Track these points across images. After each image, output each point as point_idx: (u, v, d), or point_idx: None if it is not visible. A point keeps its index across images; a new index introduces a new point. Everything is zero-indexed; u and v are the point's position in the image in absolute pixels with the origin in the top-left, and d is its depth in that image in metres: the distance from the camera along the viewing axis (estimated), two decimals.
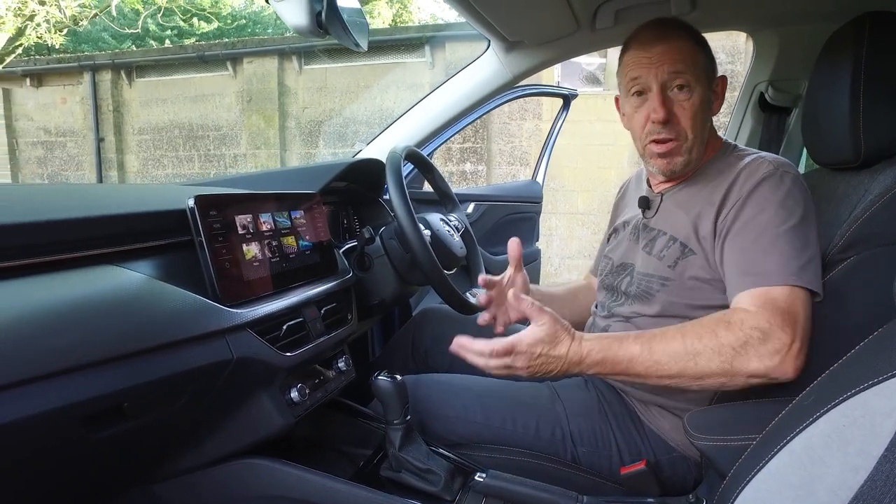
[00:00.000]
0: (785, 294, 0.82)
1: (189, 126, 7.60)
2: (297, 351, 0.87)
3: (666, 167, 1.00)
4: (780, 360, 0.79)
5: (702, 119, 0.97)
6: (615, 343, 0.86)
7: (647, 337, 0.86)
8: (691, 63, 0.95)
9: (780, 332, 0.79)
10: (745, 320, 0.81)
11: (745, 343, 0.79)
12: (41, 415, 0.54)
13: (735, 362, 0.80)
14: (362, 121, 6.77)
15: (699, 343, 0.82)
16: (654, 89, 0.96)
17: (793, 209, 0.88)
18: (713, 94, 1.00)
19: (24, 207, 0.67)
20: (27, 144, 8.40)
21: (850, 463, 0.53)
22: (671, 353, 0.83)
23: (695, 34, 0.99)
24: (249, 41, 7.66)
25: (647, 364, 0.84)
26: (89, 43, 12.08)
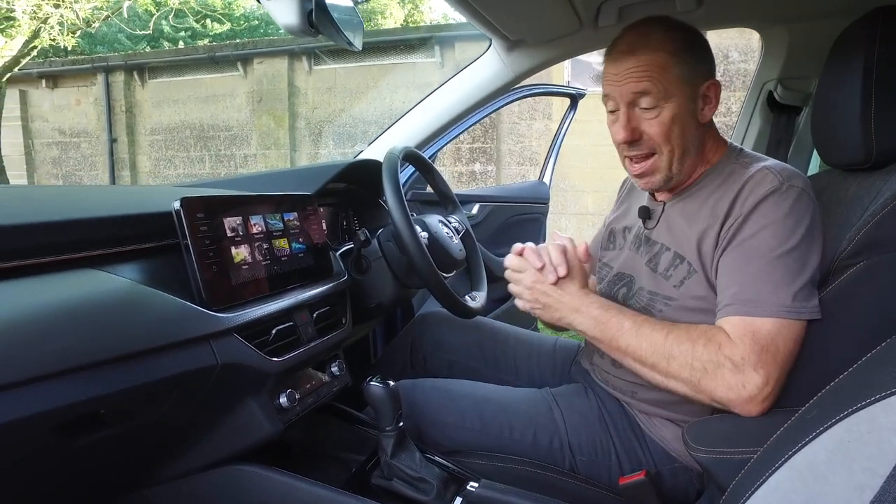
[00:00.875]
0: (768, 327, 0.80)
1: (200, 126, 7.67)
2: (286, 356, 0.85)
3: (645, 186, 0.98)
4: (747, 401, 0.79)
5: (678, 133, 0.92)
6: (615, 308, 0.92)
7: (641, 318, 0.90)
8: (660, 77, 0.89)
9: (753, 372, 0.79)
10: (723, 345, 0.81)
11: (717, 367, 0.80)
12: (10, 423, 0.53)
13: (702, 381, 0.81)
14: (371, 121, 6.78)
15: (678, 347, 0.84)
16: (621, 108, 0.93)
17: (794, 229, 0.84)
18: (703, 100, 0.94)
19: (3, 210, 0.66)
20: (42, 145, 8.53)
21: (855, 481, 0.50)
22: (652, 343, 0.86)
23: (677, 39, 0.92)
24: (260, 42, 7.70)
25: (629, 342, 0.88)
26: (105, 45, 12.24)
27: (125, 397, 0.64)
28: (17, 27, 7.00)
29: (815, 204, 0.87)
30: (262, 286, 0.88)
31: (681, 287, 0.93)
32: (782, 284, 0.82)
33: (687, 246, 0.94)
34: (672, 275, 0.95)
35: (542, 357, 1.28)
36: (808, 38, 1.42)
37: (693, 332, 0.84)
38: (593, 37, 1.37)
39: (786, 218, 0.84)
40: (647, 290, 0.99)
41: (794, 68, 1.48)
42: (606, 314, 0.91)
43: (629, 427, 1.00)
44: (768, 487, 0.60)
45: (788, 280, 0.82)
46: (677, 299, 0.93)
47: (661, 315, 0.95)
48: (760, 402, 0.79)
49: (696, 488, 0.96)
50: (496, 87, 1.51)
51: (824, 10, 1.31)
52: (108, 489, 0.83)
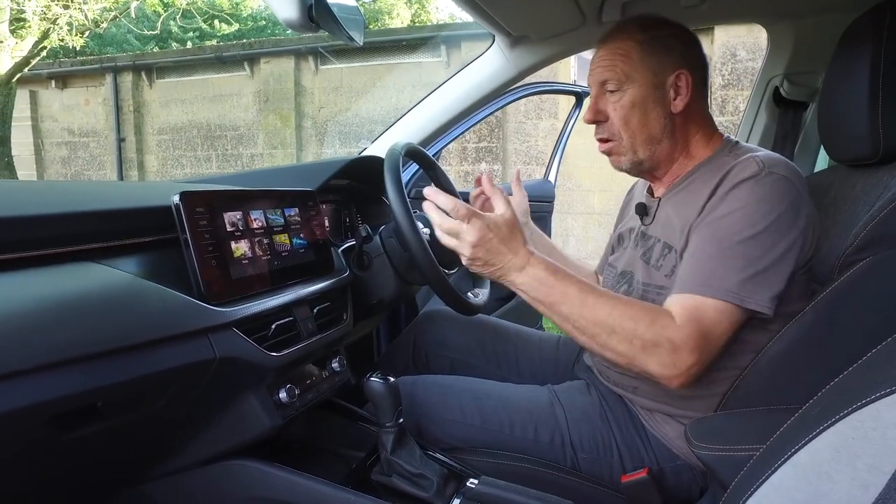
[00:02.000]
0: (713, 309, 0.83)
1: (207, 126, 7.71)
2: (285, 351, 0.85)
3: (613, 164, 1.03)
4: (674, 376, 0.82)
5: (639, 118, 0.96)
6: (561, 272, 0.89)
7: (588, 287, 0.88)
8: (622, 63, 0.95)
9: (688, 353, 0.81)
10: (665, 328, 0.82)
11: (655, 345, 0.82)
12: (5, 414, 0.53)
13: (638, 356, 0.83)
14: (377, 120, 6.79)
15: (621, 323, 0.84)
16: (592, 91, 1.00)
17: (765, 214, 0.84)
18: (674, 90, 0.96)
19: (3, 202, 0.66)
20: (52, 145, 8.61)
21: (859, 479, 0.49)
22: (595, 315, 0.85)
23: (643, 31, 0.96)
24: (266, 42, 7.74)
25: (572, 311, 0.86)
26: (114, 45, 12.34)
27: (122, 390, 0.64)
28: (28, 28, 7.07)
29: (797, 191, 0.86)
30: (262, 281, 0.87)
31: (671, 276, 0.93)
32: (736, 269, 0.83)
33: (674, 236, 0.95)
34: (662, 265, 0.96)
35: (545, 355, 1.27)
36: (814, 33, 1.40)
37: (638, 311, 0.85)
38: (597, 32, 1.35)
39: (759, 203, 0.85)
40: (642, 282, 1.00)
41: (801, 63, 1.47)
42: (552, 277, 0.88)
43: (631, 424, 1.00)
44: (771, 485, 0.59)
45: (743, 265, 0.83)
46: (668, 288, 0.93)
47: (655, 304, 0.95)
48: (685, 379, 0.82)
49: (700, 486, 0.95)
50: (499, 83, 1.50)
51: (830, 5, 1.29)
52: (106, 483, 0.83)
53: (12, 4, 6.70)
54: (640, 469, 0.93)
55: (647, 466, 0.94)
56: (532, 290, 0.89)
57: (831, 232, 0.95)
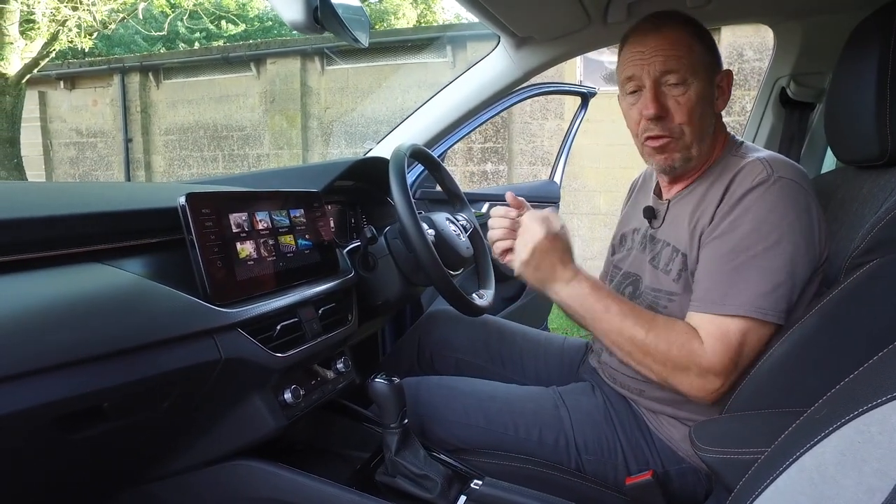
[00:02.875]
0: (737, 326, 0.84)
1: (214, 126, 7.75)
2: (290, 352, 0.85)
3: (664, 162, 0.96)
4: (704, 396, 0.85)
5: (700, 115, 0.92)
6: (604, 290, 0.92)
7: (627, 307, 0.90)
8: (686, 55, 0.90)
9: (715, 377, 0.84)
10: (694, 353, 0.85)
11: (685, 369, 0.85)
12: (12, 414, 0.54)
13: (671, 377, 0.87)
14: (383, 120, 6.80)
15: (655, 345, 0.86)
16: (647, 84, 0.92)
17: (777, 224, 0.83)
18: (718, 90, 0.95)
19: (8, 204, 0.67)
20: (60, 145, 8.67)
21: (865, 483, 0.49)
22: (633, 336, 0.88)
23: (693, 25, 0.94)
24: (272, 42, 7.76)
25: (612, 328, 0.90)
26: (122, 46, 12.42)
27: (128, 390, 0.64)
28: (37, 29, 7.12)
29: (807, 195, 0.86)
30: (268, 282, 0.88)
31: (679, 280, 0.93)
32: (754, 284, 0.82)
33: (683, 239, 0.94)
34: (671, 269, 0.95)
35: (550, 356, 1.27)
36: (821, 33, 1.39)
37: (671, 334, 0.87)
38: (602, 33, 1.36)
39: (769, 213, 0.84)
40: (651, 287, 0.98)
41: (808, 64, 1.45)
42: (596, 293, 0.91)
43: (636, 427, 0.99)
44: (776, 489, 0.58)
45: (762, 280, 0.82)
46: (679, 293, 0.93)
47: (666, 312, 0.94)
48: (714, 398, 0.85)
49: (705, 489, 0.95)
50: (505, 84, 1.50)
51: (838, 5, 1.29)
52: (112, 483, 0.83)
53: (22, 7, 6.75)
54: (644, 471, 0.93)
55: (652, 469, 0.93)
56: (575, 303, 0.92)
57: (838, 234, 0.95)
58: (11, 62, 6.83)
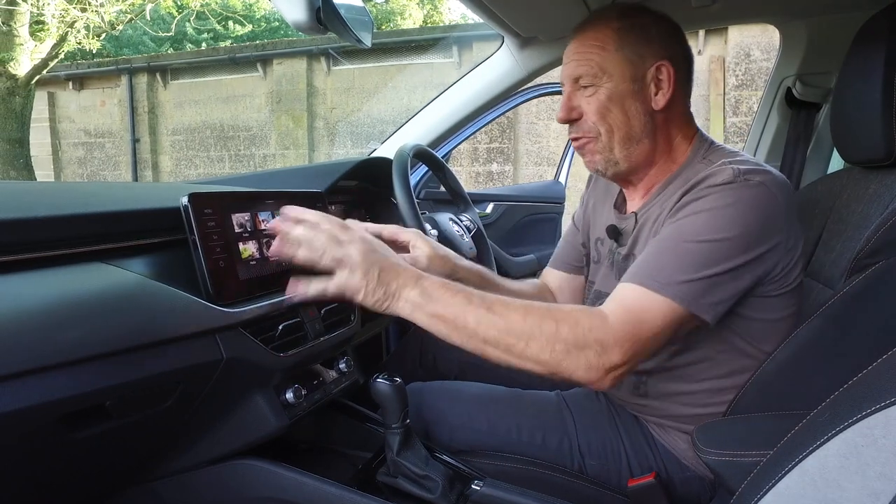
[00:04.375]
0: (654, 305, 0.76)
1: (220, 127, 7.79)
2: (292, 351, 0.86)
3: (588, 165, 0.95)
4: (600, 378, 0.75)
5: (619, 112, 0.89)
6: (459, 285, 0.79)
7: (494, 297, 0.78)
8: (597, 55, 0.88)
9: (617, 352, 0.74)
10: (594, 329, 0.75)
11: (582, 348, 0.74)
12: (16, 412, 0.54)
13: (562, 363, 0.74)
14: (389, 120, 6.81)
15: (539, 327, 0.74)
16: (566, 88, 0.92)
17: (732, 221, 0.78)
18: (654, 84, 0.89)
19: (13, 204, 0.68)
20: (69, 145, 8.74)
21: (868, 487, 0.48)
22: (508, 322, 0.75)
23: (620, 19, 0.89)
24: (279, 43, 7.79)
25: (480, 320, 0.75)
26: (130, 47, 12.50)
27: (130, 389, 0.65)
28: (47, 31, 7.19)
29: (776, 202, 0.80)
30: (270, 282, 0.88)
31: None
32: (687, 268, 0.77)
33: None
34: None
35: None
36: (827, 33, 1.38)
37: (558, 313, 0.76)
38: None
39: (726, 208, 0.78)
40: None
41: (814, 64, 1.44)
42: (449, 289, 0.77)
43: (640, 433, 0.98)
44: (777, 492, 0.58)
45: (696, 267, 0.77)
46: None
47: None
48: (613, 378, 0.75)
49: (709, 496, 0.94)
50: (509, 84, 1.50)
51: (844, 4, 1.28)
52: (115, 481, 0.84)
53: (32, 8, 6.82)
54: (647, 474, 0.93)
55: (655, 471, 0.93)
56: (431, 300, 0.76)
57: (843, 235, 0.94)
58: (21, 63, 6.90)
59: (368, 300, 0.76)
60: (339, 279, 0.76)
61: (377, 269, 0.75)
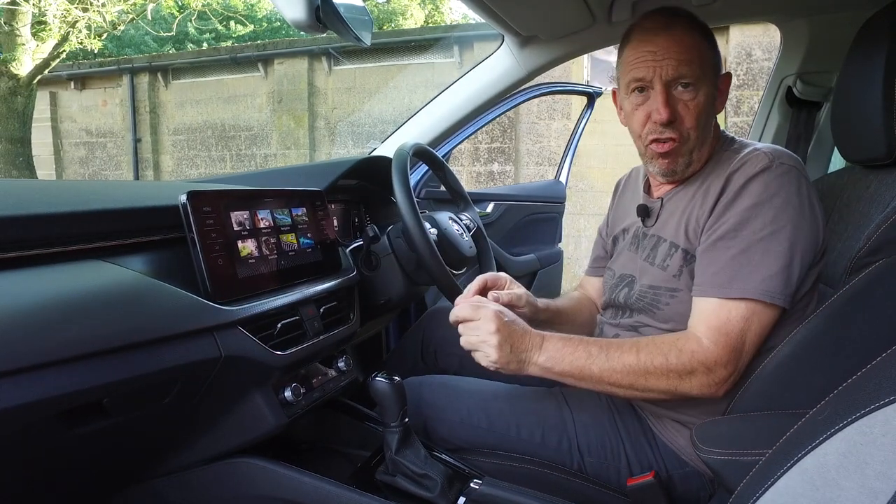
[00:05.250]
0: (739, 313, 0.83)
1: (221, 126, 7.79)
2: (290, 350, 0.86)
3: (667, 167, 0.94)
4: (716, 390, 0.83)
5: (706, 118, 0.92)
6: (575, 338, 0.89)
7: (604, 342, 0.88)
8: (698, 57, 0.89)
9: (723, 368, 0.82)
10: (695, 353, 0.83)
11: (691, 372, 0.83)
12: (15, 408, 0.54)
13: (679, 387, 0.84)
14: (390, 120, 6.81)
15: (651, 363, 0.84)
16: (658, 87, 0.89)
17: (780, 209, 0.83)
18: (717, 92, 0.94)
19: (12, 201, 0.68)
20: (71, 145, 8.75)
21: (867, 486, 0.48)
22: (625, 365, 0.85)
23: (701, 25, 0.92)
24: (280, 43, 7.79)
25: (602, 367, 0.86)
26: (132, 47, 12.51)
27: (128, 386, 0.65)
28: (48, 31, 7.19)
29: (807, 183, 0.86)
30: (269, 280, 0.88)
31: (681, 276, 0.92)
32: (760, 266, 0.82)
33: (680, 234, 0.93)
34: (669, 265, 0.94)
35: None
36: (828, 31, 1.38)
37: (663, 345, 0.85)
38: (607, 32, 1.35)
39: (773, 198, 0.83)
40: (647, 285, 0.97)
41: (815, 62, 1.44)
42: (570, 343, 0.88)
43: (640, 430, 0.98)
44: (776, 490, 0.58)
45: (768, 262, 0.82)
46: (682, 290, 0.92)
47: (668, 309, 0.93)
48: (728, 386, 0.83)
49: (708, 493, 0.94)
50: (509, 83, 1.50)
51: (845, 2, 1.27)
52: (115, 478, 0.84)
53: (34, 9, 6.82)
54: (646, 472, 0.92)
55: (654, 470, 0.92)
56: (558, 361, 0.88)
57: (844, 234, 0.94)
58: (23, 63, 6.90)
59: (503, 371, 0.90)
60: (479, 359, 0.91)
61: (509, 345, 0.88)
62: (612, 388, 0.87)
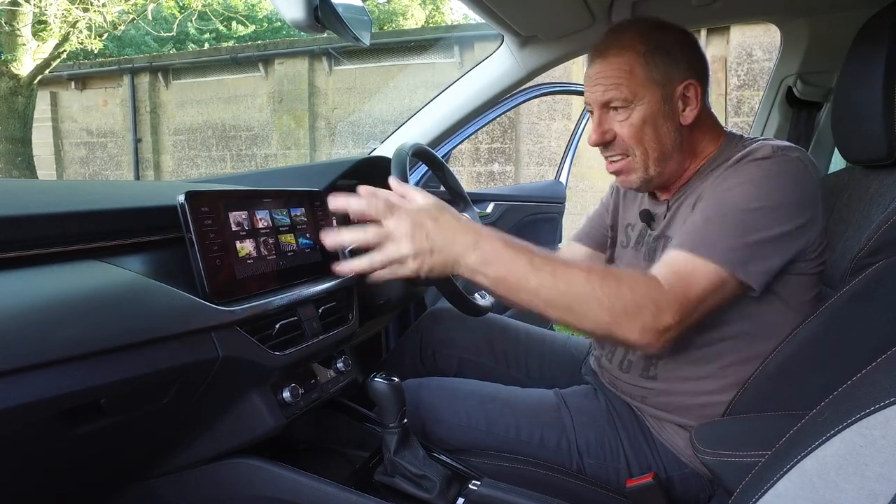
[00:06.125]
0: (704, 272, 0.78)
1: (222, 126, 7.80)
2: (289, 350, 0.85)
3: (624, 184, 0.97)
4: (654, 339, 0.75)
5: (652, 133, 0.91)
6: (518, 241, 0.78)
7: (553, 256, 0.79)
8: (627, 80, 0.89)
9: (670, 317, 0.75)
10: (651, 288, 0.76)
11: (638, 309, 0.75)
12: (13, 409, 0.54)
13: (621, 323, 0.75)
14: (390, 120, 6.81)
15: (601, 287, 0.75)
16: (595, 111, 0.93)
17: (772, 190, 0.81)
18: (682, 101, 0.91)
19: (10, 201, 0.68)
20: (71, 145, 8.76)
21: (867, 488, 0.48)
22: (570, 283, 0.75)
23: (646, 40, 0.90)
24: (280, 43, 7.80)
25: (543, 279, 0.75)
26: (133, 47, 12.53)
27: (125, 387, 0.64)
28: (49, 31, 7.20)
29: (812, 178, 0.83)
30: (267, 280, 0.88)
31: None
32: (733, 234, 0.79)
33: None
34: None
35: (553, 355, 1.26)
36: (828, 31, 1.38)
37: (618, 274, 0.78)
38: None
39: (766, 179, 0.81)
40: None
41: (815, 62, 1.44)
42: (511, 247, 0.76)
43: (639, 431, 0.98)
44: (775, 493, 0.58)
45: (741, 232, 0.79)
46: None
47: None
48: (660, 344, 0.76)
49: (708, 494, 0.94)
50: (508, 83, 1.49)
51: (845, 2, 1.27)
52: (112, 478, 0.84)
53: (35, 9, 6.83)
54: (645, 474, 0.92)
55: (653, 471, 0.92)
56: (494, 265, 0.75)
57: (844, 234, 0.94)
58: (24, 63, 6.91)
59: (423, 271, 0.76)
60: (387, 251, 0.76)
61: (425, 238, 0.75)
62: (546, 308, 0.76)
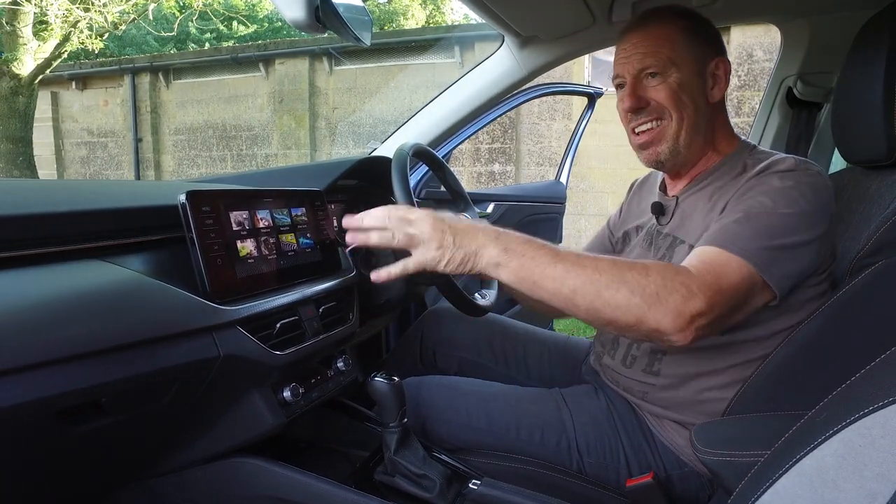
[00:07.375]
0: (734, 265, 0.77)
1: (223, 126, 7.80)
2: (289, 350, 0.86)
3: (650, 157, 0.96)
4: (686, 326, 0.72)
5: (688, 99, 0.92)
6: (540, 241, 0.79)
7: (575, 250, 0.79)
8: (666, 48, 0.91)
9: (702, 298, 0.73)
10: (680, 272, 0.75)
11: (670, 292, 0.72)
12: (13, 407, 0.54)
13: (652, 308, 0.72)
14: (391, 120, 6.81)
15: (629, 271, 0.74)
16: (628, 80, 0.94)
17: (794, 200, 0.82)
18: (712, 79, 0.94)
19: (11, 200, 0.68)
20: (72, 145, 8.76)
21: (866, 488, 0.48)
22: (597, 269, 0.74)
23: (683, 18, 0.94)
24: (281, 43, 7.80)
25: (569, 269, 0.74)
26: (133, 47, 12.53)
27: (126, 386, 0.65)
28: (50, 31, 7.20)
29: (829, 192, 0.85)
30: (268, 280, 0.88)
31: None
32: (762, 236, 0.79)
33: (696, 234, 0.92)
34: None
35: (553, 355, 1.26)
36: (829, 32, 1.38)
37: (645, 262, 0.77)
38: (607, 32, 1.35)
39: (790, 189, 0.82)
40: None
41: (815, 63, 1.44)
42: (532, 244, 0.77)
43: (639, 430, 0.98)
44: (774, 492, 0.58)
45: (770, 235, 0.79)
46: None
47: None
48: (691, 332, 0.73)
49: (707, 493, 0.94)
50: (509, 84, 1.50)
51: (845, 3, 1.27)
52: (112, 477, 0.84)
53: (36, 9, 6.84)
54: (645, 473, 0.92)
55: (653, 471, 0.92)
56: (517, 255, 0.76)
57: (844, 235, 0.94)
58: (25, 63, 6.91)
59: (451, 267, 0.79)
60: (417, 255, 0.80)
61: (451, 236, 0.78)
62: (570, 296, 0.74)
